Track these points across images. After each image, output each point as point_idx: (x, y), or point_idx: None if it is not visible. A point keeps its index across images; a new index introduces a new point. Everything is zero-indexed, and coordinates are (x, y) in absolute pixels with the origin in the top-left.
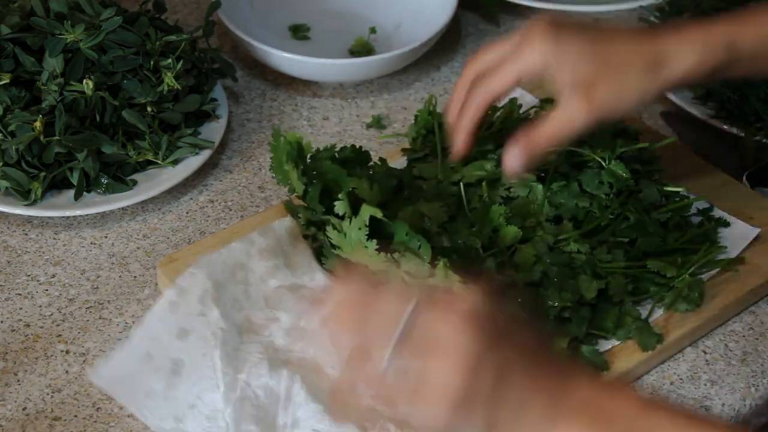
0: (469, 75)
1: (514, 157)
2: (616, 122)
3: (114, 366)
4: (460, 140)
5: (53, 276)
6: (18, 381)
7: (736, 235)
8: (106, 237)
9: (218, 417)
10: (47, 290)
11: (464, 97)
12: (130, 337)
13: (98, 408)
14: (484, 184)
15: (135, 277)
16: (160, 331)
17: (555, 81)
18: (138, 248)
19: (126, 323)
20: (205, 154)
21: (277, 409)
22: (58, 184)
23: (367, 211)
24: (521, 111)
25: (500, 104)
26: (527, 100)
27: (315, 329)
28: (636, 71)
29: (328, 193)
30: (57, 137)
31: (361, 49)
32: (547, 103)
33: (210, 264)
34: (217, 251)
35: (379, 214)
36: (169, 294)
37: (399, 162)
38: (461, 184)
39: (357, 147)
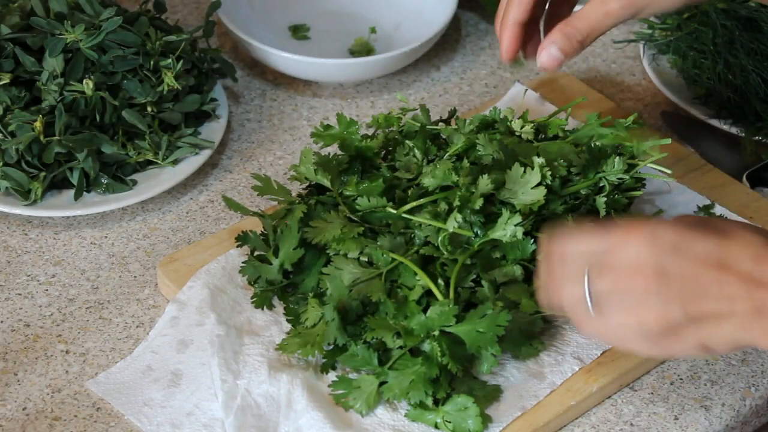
0: None
1: (551, 53)
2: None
3: (114, 376)
4: (505, 37)
5: (53, 276)
6: (18, 381)
7: None
8: (106, 237)
9: (215, 425)
10: (47, 290)
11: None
12: (134, 352)
13: (98, 408)
14: (443, 237)
15: (135, 277)
16: (162, 345)
17: None
18: (138, 248)
19: (126, 323)
20: (205, 154)
21: (278, 417)
22: (58, 184)
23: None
24: (531, 121)
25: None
26: (529, 96)
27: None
28: None
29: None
30: (57, 137)
31: (361, 49)
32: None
33: (208, 273)
34: (215, 260)
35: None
36: (170, 309)
37: None
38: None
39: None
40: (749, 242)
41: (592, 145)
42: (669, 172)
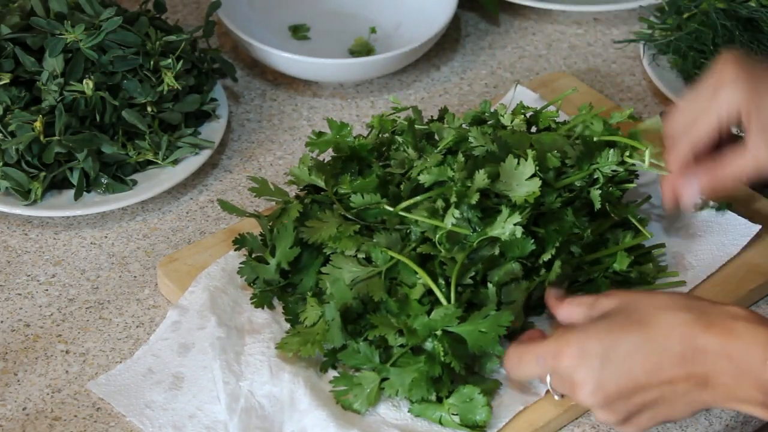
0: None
1: (692, 191)
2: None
3: (115, 378)
4: (668, 190)
5: (53, 276)
6: (18, 381)
7: (737, 232)
8: (106, 237)
9: (218, 427)
10: (47, 290)
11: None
12: (134, 355)
13: (98, 408)
14: (440, 235)
15: (135, 277)
16: (163, 348)
17: (748, 121)
18: (138, 248)
19: (126, 323)
20: (205, 154)
21: (283, 417)
22: (58, 184)
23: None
24: (522, 110)
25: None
26: (528, 96)
27: None
28: None
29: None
30: (57, 137)
31: (361, 49)
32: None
33: (208, 276)
34: (214, 262)
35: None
36: (171, 314)
37: None
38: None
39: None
40: (673, 324)
41: (586, 136)
42: (663, 165)
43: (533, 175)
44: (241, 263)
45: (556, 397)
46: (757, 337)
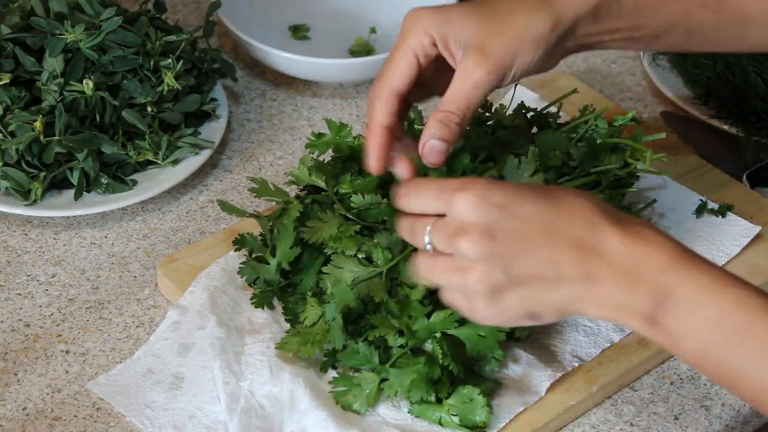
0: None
1: (433, 146)
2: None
3: (115, 378)
4: (372, 152)
5: (53, 276)
6: (18, 381)
7: (737, 232)
8: (106, 237)
9: (218, 427)
10: (47, 290)
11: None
12: (134, 355)
13: (98, 408)
14: None
15: (135, 277)
16: (163, 348)
17: (445, 46)
18: (138, 248)
19: (126, 323)
20: (205, 154)
21: (283, 417)
22: (58, 184)
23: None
24: (523, 110)
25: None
26: (528, 96)
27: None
28: (525, 14)
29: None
30: (57, 137)
31: (361, 49)
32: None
33: (208, 277)
34: (214, 262)
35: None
36: (171, 314)
37: None
38: None
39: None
40: (582, 208)
41: (590, 138)
42: (668, 174)
43: (536, 172)
44: (241, 263)
45: (428, 248)
46: (661, 246)
